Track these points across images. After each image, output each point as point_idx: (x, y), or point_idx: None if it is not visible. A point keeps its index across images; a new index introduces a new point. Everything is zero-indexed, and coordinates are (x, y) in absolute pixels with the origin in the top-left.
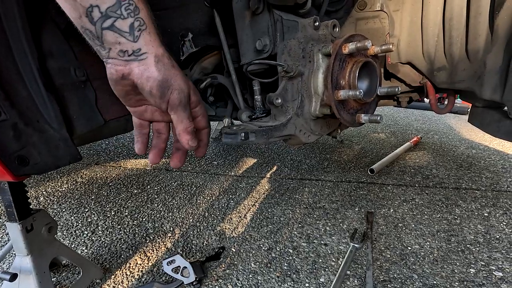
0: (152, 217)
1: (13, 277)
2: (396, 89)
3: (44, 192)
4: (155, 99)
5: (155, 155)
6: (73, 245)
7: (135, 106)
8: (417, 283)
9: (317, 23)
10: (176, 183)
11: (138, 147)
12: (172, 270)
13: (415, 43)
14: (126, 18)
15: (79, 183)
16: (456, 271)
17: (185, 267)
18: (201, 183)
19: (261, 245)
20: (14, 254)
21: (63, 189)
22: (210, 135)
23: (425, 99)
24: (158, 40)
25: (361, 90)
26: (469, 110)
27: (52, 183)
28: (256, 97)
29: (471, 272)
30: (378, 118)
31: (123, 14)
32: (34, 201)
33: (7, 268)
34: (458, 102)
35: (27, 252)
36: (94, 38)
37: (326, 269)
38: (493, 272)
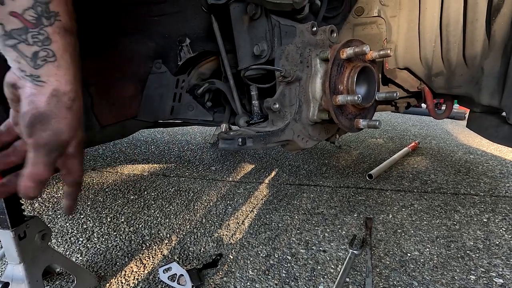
0: (149, 224)
1: (5, 286)
2: (395, 94)
3: (39, 198)
4: (24, 127)
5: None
6: (68, 253)
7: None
8: None
9: (315, 28)
10: (173, 188)
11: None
12: (168, 278)
13: (412, 49)
14: (31, 45)
15: None
16: (456, 278)
17: (181, 275)
18: (198, 188)
19: (259, 252)
20: (6, 262)
21: (59, 195)
22: (76, 197)
23: (422, 104)
24: (70, 78)
25: (360, 95)
26: (466, 115)
27: (47, 189)
28: (253, 102)
29: (472, 279)
30: (377, 123)
31: (29, 40)
32: (29, 207)
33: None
34: (455, 107)
35: (19, 260)
36: None
37: (325, 276)
38: (494, 279)
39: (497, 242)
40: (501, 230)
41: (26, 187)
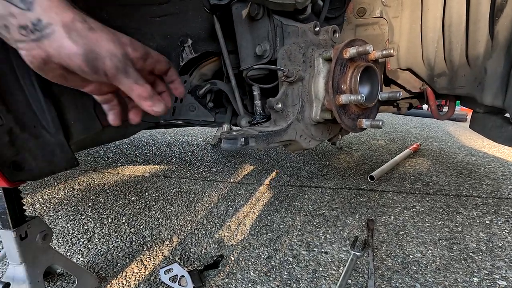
0: (150, 225)
1: (6, 286)
2: (398, 94)
3: (40, 199)
4: (90, 75)
5: (114, 115)
6: (69, 253)
7: (85, 86)
8: None
9: (317, 28)
10: (174, 190)
11: (112, 118)
12: (169, 279)
13: (414, 49)
14: None
15: (76, 190)
16: (459, 280)
17: (182, 276)
18: (199, 190)
19: (260, 253)
20: (7, 262)
21: (60, 195)
22: (178, 80)
23: (423, 106)
24: (64, 3)
25: (363, 95)
26: (468, 117)
27: (48, 190)
28: (256, 102)
29: (475, 281)
30: (380, 123)
31: None
32: (30, 208)
33: (0, 277)
34: (457, 109)
35: (20, 260)
36: None
37: (327, 278)
38: (497, 281)
39: (500, 244)
40: (504, 232)
41: (148, 106)
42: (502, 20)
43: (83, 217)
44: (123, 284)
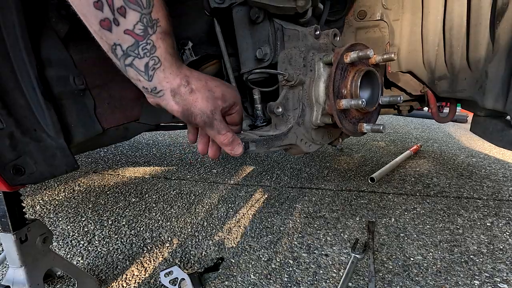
0: (150, 227)
1: None
2: (398, 99)
3: (40, 201)
4: (185, 121)
5: (202, 146)
6: (69, 256)
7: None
8: None
9: (318, 32)
10: (174, 191)
11: (189, 137)
12: (169, 282)
13: (415, 52)
14: (142, 58)
15: (76, 192)
16: (460, 283)
17: (183, 279)
18: (200, 191)
19: (260, 256)
20: (8, 265)
21: (60, 197)
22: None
23: (424, 107)
24: (174, 71)
25: (363, 99)
26: (468, 118)
27: (49, 192)
28: (256, 105)
29: (476, 284)
30: (381, 127)
31: (140, 53)
32: (31, 210)
33: (0, 281)
34: (457, 110)
35: (20, 263)
36: (119, 66)
37: (327, 281)
38: (498, 284)
39: (501, 247)
40: (505, 234)
41: (229, 150)
42: (503, 24)
43: (83, 219)
44: (123, 286)
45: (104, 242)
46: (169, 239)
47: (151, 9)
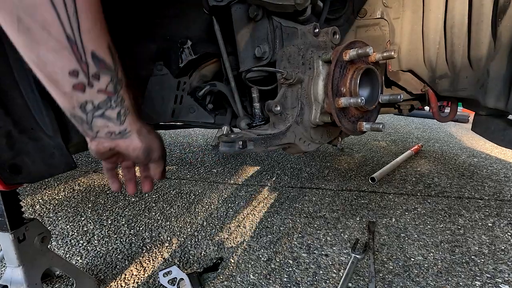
0: (149, 226)
1: None
2: (398, 97)
3: (40, 200)
4: (140, 160)
5: (133, 186)
6: (68, 255)
7: (112, 162)
8: None
9: (317, 30)
10: (174, 191)
11: (115, 186)
12: (168, 282)
13: (416, 51)
14: (114, 108)
15: (76, 191)
16: (461, 283)
17: (181, 279)
18: (199, 191)
19: (260, 256)
20: (5, 265)
21: (60, 197)
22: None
23: (425, 107)
24: (137, 116)
25: (363, 98)
26: (469, 118)
27: (48, 191)
28: (255, 104)
29: (477, 285)
30: (380, 126)
31: (112, 105)
32: (30, 209)
33: None
34: (459, 110)
35: (18, 263)
36: (83, 123)
37: (327, 281)
38: (499, 285)
39: (503, 247)
40: (506, 235)
41: (159, 178)
42: (505, 21)
43: (82, 219)
44: (122, 286)
45: (103, 242)
46: (169, 238)
47: (118, 69)
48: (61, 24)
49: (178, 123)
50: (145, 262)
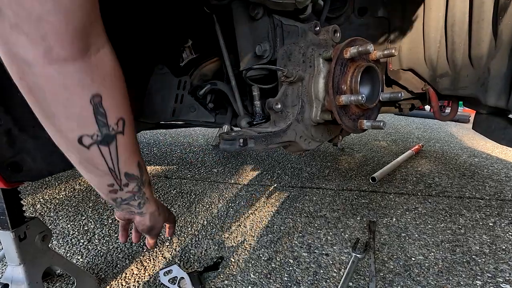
0: None
1: (5, 287)
2: (399, 95)
3: (41, 199)
4: (143, 232)
5: (137, 237)
6: (68, 254)
7: (126, 223)
8: None
9: (318, 28)
10: (175, 190)
11: (123, 239)
12: (169, 280)
13: (416, 50)
14: (136, 200)
15: (77, 190)
16: (462, 283)
17: (182, 278)
18: (200, 191)
19: (260, 255)
20: (6, 263)
21: (61, 196)
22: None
23: (425, 107)
24: (154, 202)
25: (363, 95)
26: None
27: (49, 190)
28: (255, 102)
29: (478, 285)
30: (381, 124)
31: (135, 198)
32: (31, 209)
33: None
34: (459, 110)
35: (19, 261)
36: (113, 205)
37: (328, 281)
38: (500, 285)
39: (504, 247)
40: (507, 234)
41: (151, 245)
42: (506, 19)
43: (83, 218)
44: (122, 285)
45: (104, 241)
46: (169, 238)
47: (143, 175)
48: (106, 164)
49: (178, 122)
50: (146, 261)
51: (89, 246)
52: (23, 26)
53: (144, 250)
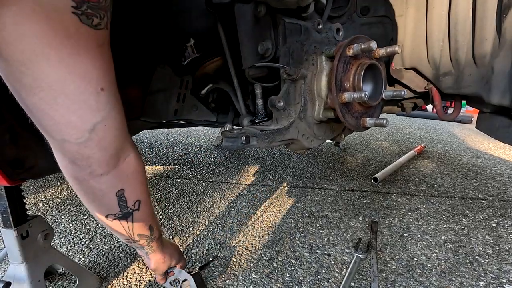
0: None
1: (7, 285)
2: (402, 93)
3: (43, 199)
4: (153, 271)
5: None
6: (70, 253)
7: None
8: None
9: (320, 26)
10: (176, 190)
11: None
12: (170, 283)
13: (419, 48)
14: (144, 250)
15: None
16: (465, 284)
17: (184, 278)
18: (202, 190)
19: (262, 255)
20: (9, 261)
21: (63, 195)
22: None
23: (428, 107)
24: (160, 253)
25: (366, 92)
26: (473, 119)
27: (52, 190)
28: (257, 101)
29: (481, 285)
30: (384, 121)
31: (144, 249)
32: (33, 208)
33: (1, 276)
34: (462, 111)
35: (21, 259)
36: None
37: (330, 281)
38: (504, 286)
39: (507, 248)
40: (511, 235)
41: (158, 280)
42: (510, 18)
43: (85, 217)
44: (124, 284)
45: (106, 240)
46: (171, 237)
47: (153, 233)
48: (124, 230)
49: (180, 122)
50: None
51: (91, 245)
52: (79, 162)
53: None
